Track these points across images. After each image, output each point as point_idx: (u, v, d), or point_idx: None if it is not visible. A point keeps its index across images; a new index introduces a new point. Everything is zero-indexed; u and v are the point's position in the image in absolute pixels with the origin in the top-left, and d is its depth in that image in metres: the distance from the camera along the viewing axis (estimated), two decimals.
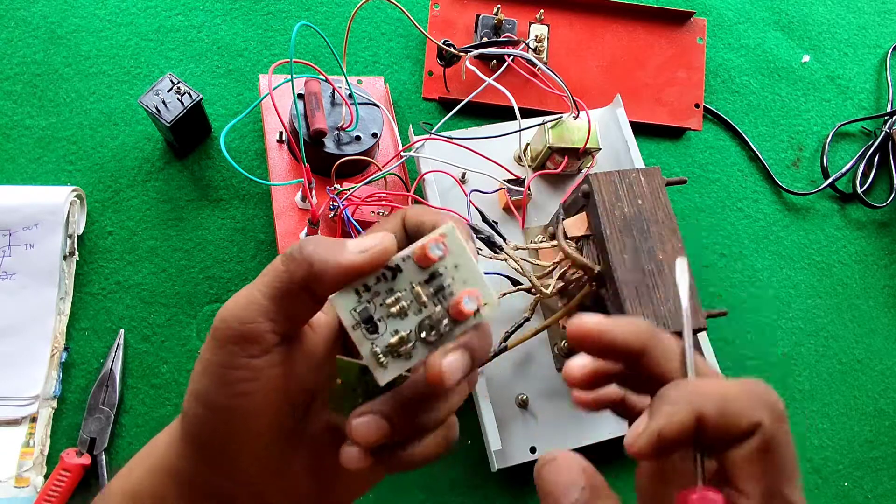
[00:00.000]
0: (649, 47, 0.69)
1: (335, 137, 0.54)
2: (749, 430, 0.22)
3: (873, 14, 0.79)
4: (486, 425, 0.50)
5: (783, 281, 0.66)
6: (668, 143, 0.69)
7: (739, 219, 0.68)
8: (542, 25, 0.67)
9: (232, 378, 0.24)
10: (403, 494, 0.53)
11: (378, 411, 0.25)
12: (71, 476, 0.48)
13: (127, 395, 0.52)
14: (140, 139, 0.59)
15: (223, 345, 0.24)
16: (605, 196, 0.48)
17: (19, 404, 0.50)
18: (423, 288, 0.25)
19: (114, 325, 0.54)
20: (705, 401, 0.23)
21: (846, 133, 0.73)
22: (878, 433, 0.63)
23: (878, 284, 0.68)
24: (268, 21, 0.65)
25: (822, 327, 0.65)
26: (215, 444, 0.26)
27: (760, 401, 0.23)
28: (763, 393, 0.23)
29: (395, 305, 0.25)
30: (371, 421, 0.25)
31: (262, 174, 0.59)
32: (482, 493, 0.54)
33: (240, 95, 0.62)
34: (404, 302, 0.25)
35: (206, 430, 0.25)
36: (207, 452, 0.26)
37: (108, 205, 0.57)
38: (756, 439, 0.22)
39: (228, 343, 0.24)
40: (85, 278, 0.55)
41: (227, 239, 0.57)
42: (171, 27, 0.63)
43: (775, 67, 0.74)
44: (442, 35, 0.65)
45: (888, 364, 0.65)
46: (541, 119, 0.57)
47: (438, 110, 0.65)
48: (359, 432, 0.25)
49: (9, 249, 0.53)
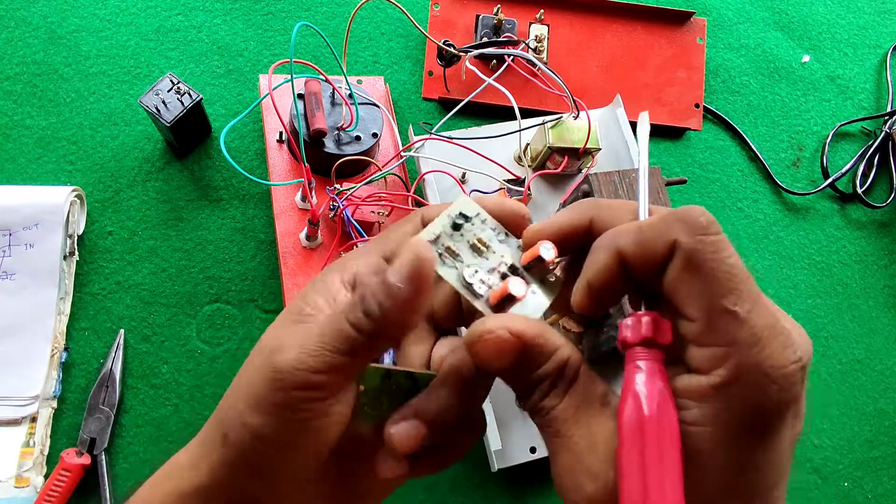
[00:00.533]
0: (649, 47, 0.69)
1: (335, 137, 0.54)
2: (668, 252, 0.22)
3: (873, 14, 0.79)
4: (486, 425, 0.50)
5: (783, 281, 0.66)
6: (668, 143, 0.69)
7: (739, 219, 0.68)
8: (542, 25, 0.67)
9: (296, 419, 0.24)
10: (403, 494, 0.53)
11: (413, 416, 0.25)
12: (71, 476, 0.48)
13: (127, 395, 0.52)
14: (140, 139, 0.59)
15: (287, 390, 0.23)
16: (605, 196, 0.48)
17: (19, 404, 0.50)
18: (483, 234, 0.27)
19: (114, 325, 0.54)
20: (622, 238, 0.23)
21: (846, 133, 0.73)
22: (878, 433, 0.63)
23: (878, 284, 0.68)
24: (268, 21, 0.65)
25: (822, 327, 0.65)
26: (263, 469, 0.25)
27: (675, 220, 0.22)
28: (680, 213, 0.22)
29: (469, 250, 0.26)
30: (410, 427, 0.25)
31: (262, 174, 0.59)
32: (482, 493, 0.54)
33: (240, 95, 0.62)
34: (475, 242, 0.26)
35: (256, 458, 0.25)
36: (252, 476, 0.25)
37: (108, 205, 0.57)
38: (677, 258, 0.22)
39: (295, 389, 0.23)
40: (85, 278, 0.55)
41: (227, 239, 0.57)
42: (171, 27, 0.63)
43: (775, 67, 0.74)
44: (442, 35, 0.65)
45: (888, 364, 0.65)
46: (541, 119, 0.57)
47: (438, 110, 0.65)
48: (399, 439, 0.25)
49: (9, 249, 0.53)
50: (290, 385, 0.23)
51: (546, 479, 0.55)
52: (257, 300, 0.56)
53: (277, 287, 0.56)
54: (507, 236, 0.27)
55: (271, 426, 0.24)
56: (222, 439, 0.25)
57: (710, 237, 0.21)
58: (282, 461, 0.25)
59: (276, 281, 0.56)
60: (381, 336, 0.24)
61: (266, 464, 0.25)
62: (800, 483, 0.60)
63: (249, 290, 0.56)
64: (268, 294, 0.56)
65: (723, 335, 0.21)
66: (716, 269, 0.21)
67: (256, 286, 0.56)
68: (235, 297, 0.56)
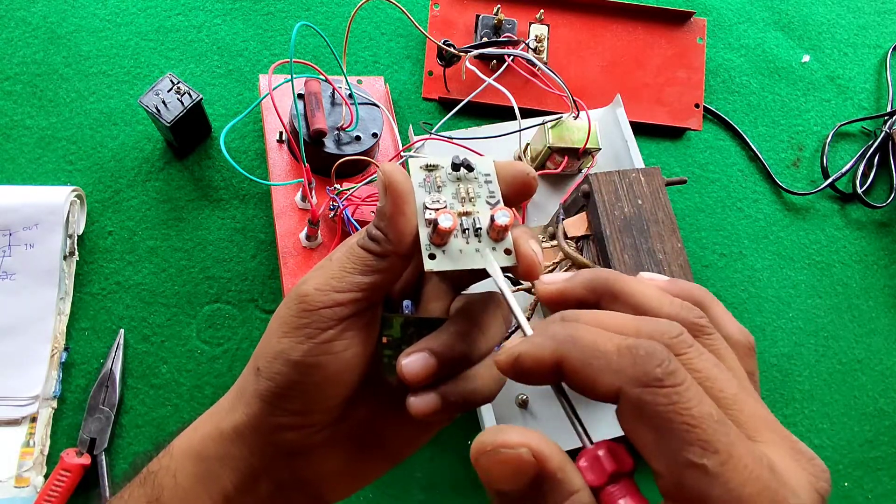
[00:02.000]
0: (649, 47, 0.69)
1: (335, 137, 0.54)
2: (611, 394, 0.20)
3: (873, 14, 0.79)
4: (486, 424, 0.50)
5: (783, 281, 0.66)
6: (668, 143, 0.69)
7: (739, 219, 0.68)
8: (542, 25, 0.67)
9: (321, 339, 0.26)
10: (403, 494, 0.53)
11: (422, 348, 0.27)
12: (71, 476, 0.48)
13: (127, 395, 0.52)
14: (140, 139, 0.59)
15: (314, 310, 0.26)
16: (605, 196, 0.48)
17: (19, 404, 0.50)
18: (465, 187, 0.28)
19: (114, 325, 0.54)
20: (572, 348, 0.21)
21: (846, 133, 0.73)
22: (878, 433, 0.63)
23: (878, 284, 0.68)
24: (268, 21, 0.65)
25: (822, 327, 0.65)
26: (294, 396, 0.27)
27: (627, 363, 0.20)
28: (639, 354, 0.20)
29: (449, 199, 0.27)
30: (419, 358, 0.26)
31: (262, 174, 0.59)
32: (482, 493, 0.54)
33: (240, 95, 0.62)
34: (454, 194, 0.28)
35: (286, 386, 0.27)
36: (284, 405, 0.27)
37: (108, 205, 0.57)
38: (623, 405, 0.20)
39: (317, 308, 0.26)
40: (85, 278, 0.55)
41: (227, 239, 0.57)
42: (171, 27, 0.63)
43: (775, 67, 0.74)
44: (442, 35, 0.65)
45: (888, 364, 0.65)
46: (541, 119, 0.57)
47: (438, 110, 0.65)
48: (409, 370, 0.26)
49: (9, 249, 0.53)
50: (316, 305, 0.26)
51: None
52: (257, 300, 0.56)
53: (277, 287, 0.56)
54: (497, 203, 0.28)
55: (300, 348, 0.26)
56: (255, 375, 0.28)
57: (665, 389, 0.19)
58: (310, 387, 0.27)
59: (276, 281, 0.56)
60: (386, 252, 0.26)
61: (296, 390, 0.27)
62: None
63: (249, 290, 0.56)
64: (268, 294, 0.56)
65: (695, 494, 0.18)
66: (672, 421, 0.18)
67: (256, 286, 0.56)
68: (235, 297, 0.56)
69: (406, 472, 0.53)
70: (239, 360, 0.54)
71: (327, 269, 0.27)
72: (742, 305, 0.64)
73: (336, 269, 0.27)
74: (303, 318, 0.27)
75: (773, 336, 0.64)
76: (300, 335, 0.27)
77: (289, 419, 0.28)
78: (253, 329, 0.55)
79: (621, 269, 0.45)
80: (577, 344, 0.21)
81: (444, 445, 0.54)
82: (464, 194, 0.28)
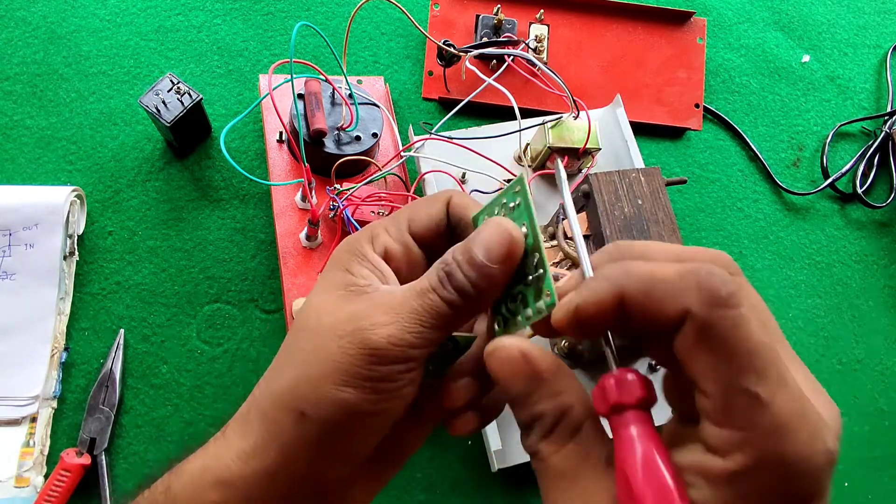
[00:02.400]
0: (649, 47, 0.69)
1: (335, 137, 0.54)
2: (678, 318, 0.20)
3: (873, 14, 0.79)
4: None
5: (783, 281, 0.66)
6: (668, 143, 0.69)
7: (739, 219, 0.68)
8: (542, 25, 0.67)
9: (390, 389, 0.25)
10: (404, 494, 0.53)
11: (468, 371, 0.28)
12: (71, 476, 0.48)
13: (127, 395, 0.52)
14: (140, 139, 0.59)
15: (386, 364, 0.25)
16: (605, 196, 0.48)
17: (19, 404, 0.50)
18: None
19: (114, 325, 0.54)
20: (630, 281, 0.21)
21: (846, 133, 0.73)
22: (878, 433, 0.63)
23: (878, 284, 0.68)
24: (268, 21, 0.65)
25: (822, 327, 0.65)
26: (348, 441, 0.26)
27: (692, 284, 0.20)
28: (701, 275, 0.20)
29: None
30: (464, 384, 0.27)
31: (262, 174, 0.59)
32: (482, 493, 0.54)
33: (240, 95, 0.62)
34: None
35: (341, 432, 0.26)
36: (334, 449, 0.26)
37: (108, 205, 0.57)
38: (688, 328, 0.20)
39: (391, 363, 0.25)
40: (85, 278, 0.55)
41: (227, 239, 0.57)
42: (171, 27, 0.63)
43: (775, 67, 0.74)
44: (442, 35, 0.65)
45: (888, 364, 0.65)
46: (541, 119, 0.57)
47: (438, 110, 0.65)
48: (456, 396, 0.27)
49: (9, 249, 0.53)
50: (389, 360, 0.25)
51: None
52: (257, 300, 0.56)
53: (277, 287, 0.56)
54: None
55: (367, 399, 0.25)
56: (297, 419, 0.26)
57: (731, 311, 0.19)
58: (368, 431, 0.26)
59: (276, 281, 0.56)
60: (468, 311, 0.25)
61: (351, 435, 0.26)
62: None
63: (249, 290, 0.56)
64: (268, 294, 0.56)
65: (742, 418, 0.19)
66: (735, 345, 0.19)
67: (256, 286, 0.56)
68: (235, 297, 0.56)
69: (406, 472, 0.53)
70: (239, 361, 0.54)
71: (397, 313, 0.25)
72: None
73: (413, 323, 0.25)
74: (372, 371, 0.25)
75: None
76: (368, 387, 0.25)
77: (335, 461, 0.27)
78: (253, 329, 0.55)
79: None
80: (635, 276, 0.21)
81: (444, 445, 0.54)
82: None
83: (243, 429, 0.27)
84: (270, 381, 0.28)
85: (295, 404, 0.26)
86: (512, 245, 0.25)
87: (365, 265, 0.28)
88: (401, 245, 0.29)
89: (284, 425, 0.26)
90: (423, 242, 0.29)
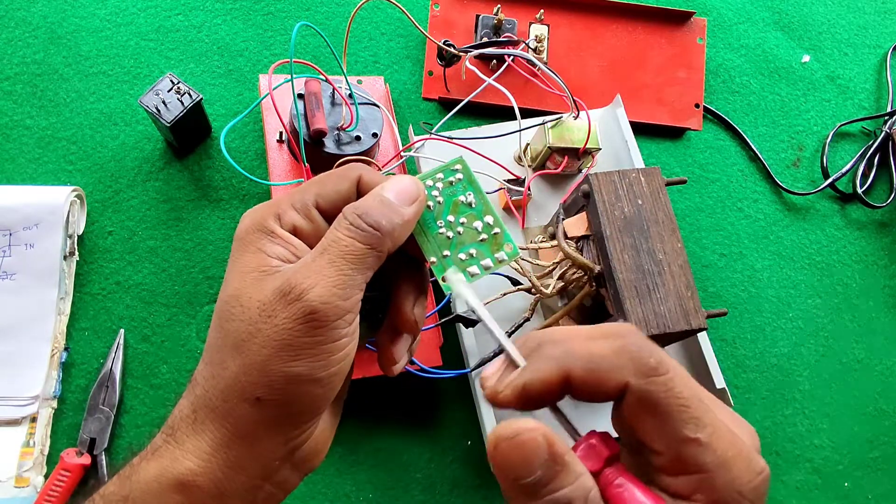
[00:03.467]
0: (649, 47, 0.69)
1: (335, 137, 0.54)
2: (619, 390, 0.23)
3: (873, 14, 0.79)
4: (485, 426, 0.50)
5: (783, 281, 0.66)
6: (668, 143, 0.69)
7: (739, 219, 0.68)
8: (542, 25, 0.67)
9: (331, 349, 0.26)
10: (404, 494, 0.53)
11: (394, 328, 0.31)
12: (71, 476, 0.48)
13: (127, 395, 0.52)
14: (140, 139, 0.59)
15: (326, 326, 0.25)
16: (605, 196, 0.48)
17: (19, 404, 0.50)
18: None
19: (114, 325, 0.54)
20: (573, 360, 0.23)
21: (846, 133, 0.73)
22: (878, 433, 0.63)
23: (878, 284, 0.68)
24: (268, 21, 0.65)
25: (822, 327, 0.65)
26: (309, 408, 0.27)
27: (626, 359, 0.23)
28: (633, 351, 0.23)
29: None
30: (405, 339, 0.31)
31: (262, 174, 0.59)
32: (482, 494, 0.54)
33: (240, 95, 0.62)
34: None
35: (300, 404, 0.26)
36: (297, 420, 0.27)
37: (108, 205, 0.57)
38: (630, 398, 0.22)
39: (330, 322, 0.25)
40: (85, 278, 0.55)
41: (227, 239, 0.57)
42: (171, 27, 0.63)
43: (775, 67, 0.74)
44: (442, 35, 0.65)
45: (888, 364, 0.65)
46: (541, 119, 0.57)
47: (438, 110, 0.65)
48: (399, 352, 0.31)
49: (9, 249, 0.53)
50: (328, 319, 0.25)
51: None
52: None
53: None
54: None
55: (317, 366, 0.26)
56: (253, 406, 0.26)
57: (661, 377, 0.22)
58: (322, 392, 0.27)
59: None
60: (380, 250, 0.27)
61: (307, 403, 0.27)
62: (800, 483, 0.60)
63: None
64: None
65: (692, 463, 0.22)
66: (671, 405, 0.22)
67: None
68: None
69: (406, 472, 0.53)
70: None
71: (320, 273, 0.26)
72: (742, 305, 0.64)
73: (335, 276, 0.26)
74: (316, 336, 0.25)
75: (773, 336, 0.64)
76: (315, 354, 0.25)
77: (299, 429, 0.27)
78: None
79: (621, 269, 0.45)
80: (576, 356, 0.23)
81: (444, 445, 0.54)
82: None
83: (194, 428, 0.27)
84: (213, 376, 0.27)
85: (248, 393, 0.26)
86: (419, 190, 0.29)
87: (276, 241, 0.28)
88: (307, 221, 0.29)
89: (241, 415, 0.26)
90: (330, 218, 0.29)
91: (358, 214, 0.27)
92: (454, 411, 0.55)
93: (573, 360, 0.23)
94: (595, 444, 0.23)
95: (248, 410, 0.26)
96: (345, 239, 0.27)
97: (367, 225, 0.27)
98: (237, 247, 0.29)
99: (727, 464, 0.22)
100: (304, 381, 0.26)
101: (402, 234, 0.28)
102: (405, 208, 0.28)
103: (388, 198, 0.28)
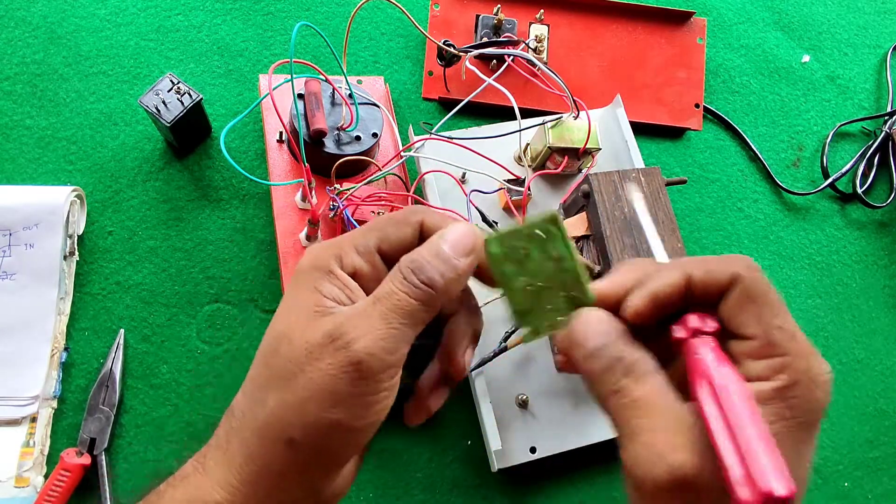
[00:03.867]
0: (649, 47, 0.69)
1: (335, 137, 0.54)
2: (730, 282, 0.26)
3: (873, 14, 0.79)
4: (486, 425, 0.50)
5: (783, 281, 0.66)
6: (668, 143, 0.69)
7: (739, 219, 0.68)
8: (542, 25, 0.67)
9: (371, 402, 0.26)
10: (404, 494, 0.53)
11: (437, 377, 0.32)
12: (71, 476, 0.48)
13: (127, 395, 0.52)
14: (140, 139, 0.59)
15: (368, 377, 0.26)
16: (605, 196, 0.48)
17: (19, 404, 0.50)
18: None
19: (114, 325, 0.54)
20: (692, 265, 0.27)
21: (846, 133, 0.73)
22: (878, 433, 0.63)
23: (878, 284, 0.68)
24: (268, 21, 0.65)
25: (822, 327, 0.65)
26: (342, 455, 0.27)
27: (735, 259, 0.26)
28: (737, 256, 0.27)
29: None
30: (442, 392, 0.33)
31: (262, 174, 0.59)
32: (482, 494, 0.54)
33: (240, 95, 0.62)
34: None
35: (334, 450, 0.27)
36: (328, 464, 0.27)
37: (108, 205, 0.57)
38: (738, 288, 0.26)
39: (374, 375, 0.26)
40: (85, 278, 0.55)
41: (227, 239, 0.57)
42: (171, 27, 0.63)
43: (775, 67, 0.74)
44: (442, 35, 0.65)
45: (888, 364, 0.65)
46: (541, 119, 0.57)
47: (438, 110, 0.65)
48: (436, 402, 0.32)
49: (9, 249, 0.53)
50: (372, 372, 0.26)
51: (546, 478, 0.55)
52: (257, 300, 0.56)
53: (277, 287, 0.56)
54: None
55: (355, 415, 0.26)
56: (286, 447, 0.26)
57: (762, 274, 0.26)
58: (355, 441, 0.27)
59: (276, 281, 0.56)
60: (435, 305, 0.27)
61: (339, 450, 0.27)
62: None
63: (249, 290, 0.56)
64: (268, 294, 0.56)
65: (780, 348, 0.25)
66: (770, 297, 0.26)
67: (256, 286, 0.56)
68: (235, 297, 0.56)
69: (406, 472, 0.53)
70: (239, 361, 0.54)
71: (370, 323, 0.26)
72: None
73: (384, 329, 0.26)
74: (358, 386, 0.25)
75: None
76: (354, 404, 0.26)
77: (326, 475, 0.27)
78: (252, 329, 0.55)
79: None
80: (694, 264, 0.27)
81: (444, 445, 0.54)
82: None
83: (226, 459, 0.27)
84: (251, 409, 0.27)
85: (283, 432, 0.26)
86: (476, 240, 0.28)
87: (334, 283, 0.28)
88: (368, 264, 0.29)
89: (273, 454, 0.26)
90: (391, 262, 0.29)
91: (412, 269, 0.27)
92: (454, 411, 0.55)
93: (692, 266, 0.27)
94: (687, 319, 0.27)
95: (280, 450, 0.26)
96: (398, 293, 0.27)
97: (421, 282, 0.27)
98: (294, 282, 0.29)
99: (806, 355, 0.25)
100: (339, 429, 0.26)
101: (455, 288, 0.28)
102: (461, 259, 0.28)
103: (444, 250, 0.28)
